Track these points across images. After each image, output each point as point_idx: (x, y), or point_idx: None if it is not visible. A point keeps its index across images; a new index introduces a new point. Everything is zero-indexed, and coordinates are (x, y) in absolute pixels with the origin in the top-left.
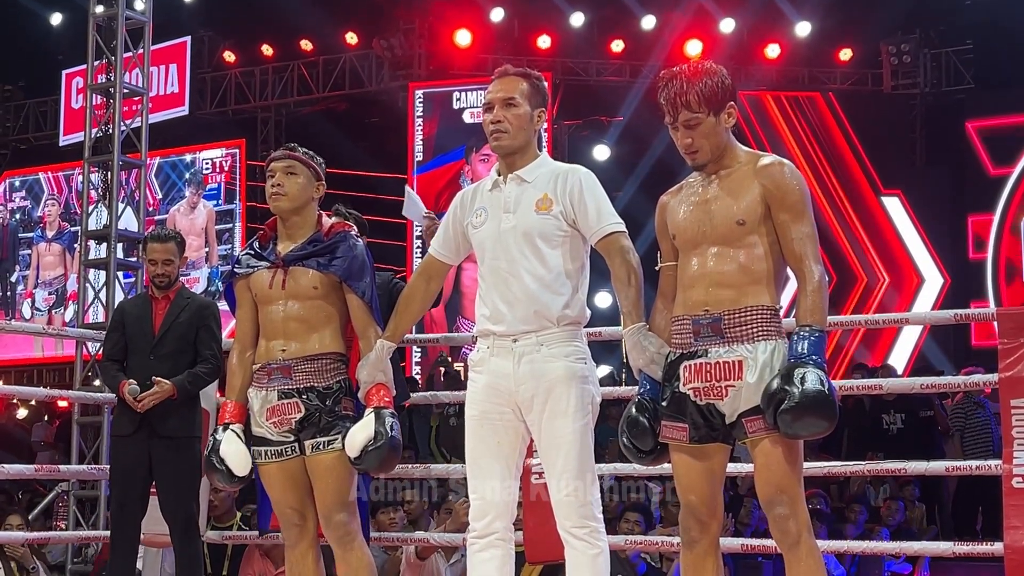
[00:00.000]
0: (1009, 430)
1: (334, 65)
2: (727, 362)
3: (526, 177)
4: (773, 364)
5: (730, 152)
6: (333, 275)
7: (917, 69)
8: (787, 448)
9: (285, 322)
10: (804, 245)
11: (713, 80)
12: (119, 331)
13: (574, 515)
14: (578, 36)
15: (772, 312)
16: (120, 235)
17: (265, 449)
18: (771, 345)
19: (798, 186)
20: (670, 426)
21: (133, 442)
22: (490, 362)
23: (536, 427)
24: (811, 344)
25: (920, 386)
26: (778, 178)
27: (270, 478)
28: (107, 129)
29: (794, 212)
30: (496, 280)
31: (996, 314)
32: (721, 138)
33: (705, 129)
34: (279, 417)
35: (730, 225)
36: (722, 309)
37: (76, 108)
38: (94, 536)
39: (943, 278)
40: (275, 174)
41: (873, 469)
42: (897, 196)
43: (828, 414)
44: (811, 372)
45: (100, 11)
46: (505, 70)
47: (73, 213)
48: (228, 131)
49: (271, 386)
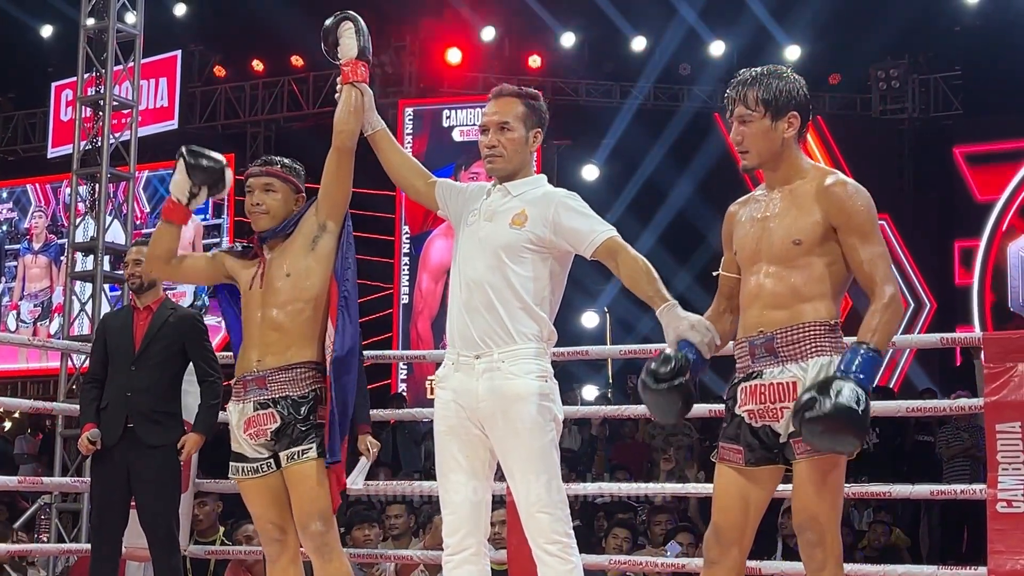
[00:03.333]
0: (994, 455)
1: (324, 81)
2: (781, 383)
3: (512, 191)
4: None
5: (794, 166)
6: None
7: (906, 94)
8: (825, 473)
9: (262, 332)
10: (875, 266)
11: (779, 83)
12: (101, 344)
13: (546, 531)
14: (568, 56)
15: (827, 327)
16: (107, 248)
17: (243, 466)
18: (824, 360)
19: (863, 206)
20: (727, 448)
21: (113, 454)
22: (453, 378)
23: (500, 444)
24: (862, 361)
25: (906, 409)
26: (842, 199)
27: (248, 494)
28: (96, 142)
29: (861, 233)
30: (462, 288)
31: (982, 339)
32: (774, 145)
33: (757, 130)
34: (255, 428)
35: (786, 244)
36: (775, 328)
37: (65, 120)
38: (76, 549)
39: (929, 303)
40: (254, 191)
41: (858, 492)
42: (884, 220)
43: (854, 432)
44: (848, 387)
45: (91, 24)
46: (501, 90)
47: (60, 225)
48: (217, 146)
49: (248, 398)
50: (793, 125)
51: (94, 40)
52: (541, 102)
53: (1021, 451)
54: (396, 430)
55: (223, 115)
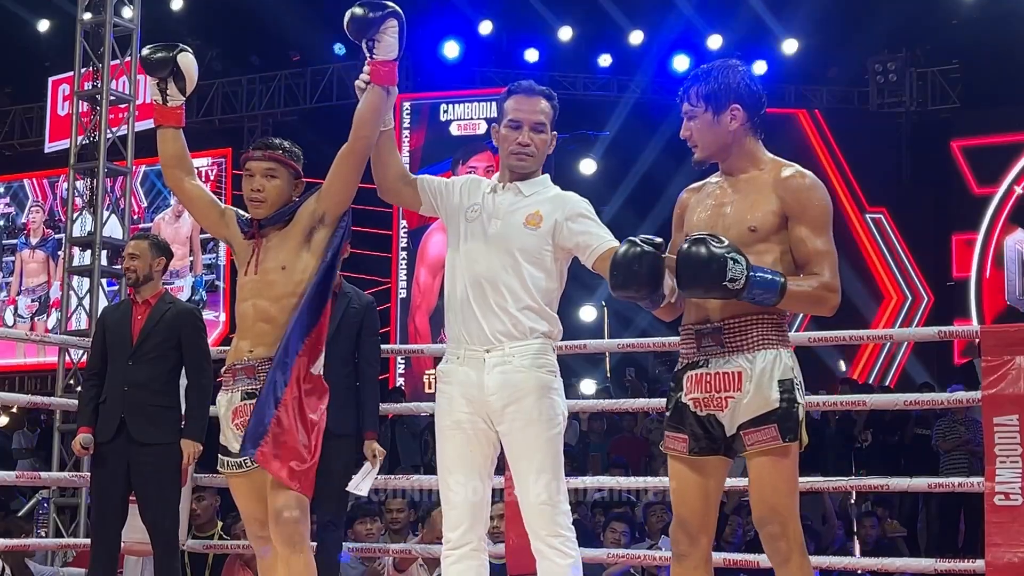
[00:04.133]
0: (992, 448)
1: (321, 76)
2: (726, 373)
3: (525, 191)
4: (772, 373)
5: (749, 157)
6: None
7: (903, 88)
8: (779, 463)
9: (255, 322)
10: (823, 259)
11: (721, 78)
12: (100, 339)
13: (549, 523)
14: (566, 50)
15: (775, 320)
16: (104, 242)
17: (228, 459)
18: (771, 354)
19: (820, 200)
20: (671, 436)
21: (111, 449)
22: (459, 372)
23: (507, 437)
24: (768, 275)
25: (904, 402)
26: (800, 189)
27: (236, 490)
28: (93, 136)
29: (814, 225)
30: (471, 286)
31: (980, 332)
32: (720, 137)
33: (701, 124)
34: (242, 418)
35: (741, 232)
36: (723, 318)
37: (62, 115)
38: (74, 544)
39: (927, 296)
40: (254, 176)
41: (856, 485)
42: (882, 214)
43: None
44: (742, 264)
45: (88, 18)
46: (531, 87)
47: (57, 220)
48: (214, 140)
49: (236, 387)
50: (737, 117)
51: (91, 34)
52: (557, 102)
53: (1019, 444)
54: (395, 424)
55: (220, 109)
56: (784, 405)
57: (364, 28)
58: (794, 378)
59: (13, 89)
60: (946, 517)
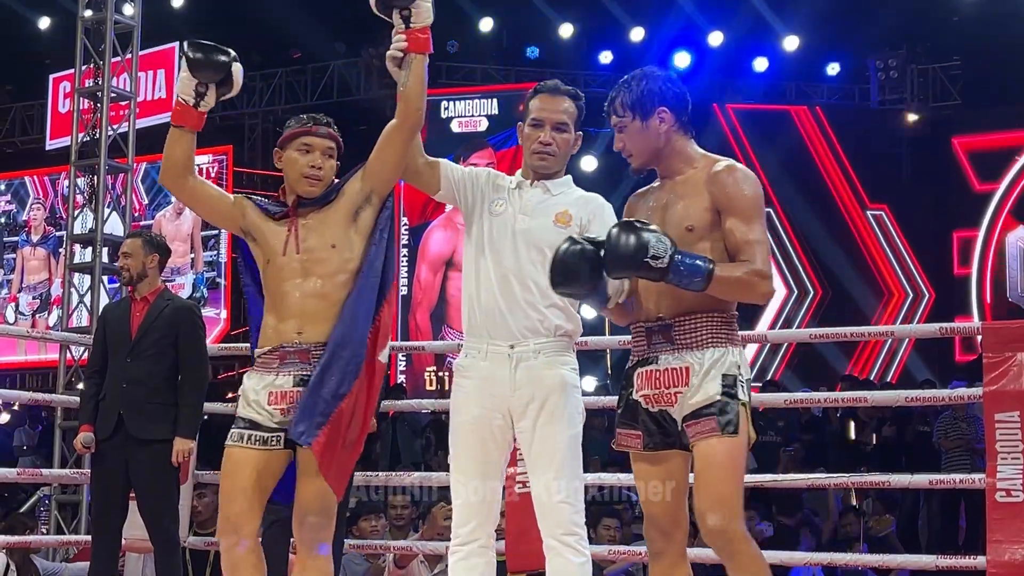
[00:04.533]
0: (993, 444)
1: (322, 73)
2: (675, 369)
3: (552, 189)
4: (717, 368)
5: (683, 157)
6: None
7: (904, 84)
8: (724, 456)
9: (303, 301)
10: (753, 248)
11: (643, 84)
12: (101, 336)
13: (565, 522)
14: (567, 47)
15: (724, 319)
16: (105, 239)
17: (252, 434)
18: (720, 351)
19: (748, 191)
20: (624, 433)
21: (110, 446)
22: (481, 367)
23: (528, 433)
24: (695, 260)
25: (905, 399)
26: (727, 184)
27: (239, 465)
28: (94, 133)
29: (744, 216)
30: (498, 280)
31: (981, 328)
32: (652, 143)
33: (631, 133)
34: (289, 405)
35: (680, 231)
36: (673, 316)
37: (63, 112)
38: (75, 540)
39: (928, 293)
40: (314, 151)
41: (857, 481)
42: (883, 211)
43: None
44: (664, 244)
45: (89, 15)
46: (557, 86)
47: (59, 217)
48: (215, 137)
49: (286, 370)
50: (665, 120)
51: (92, 32)
52: (583, 103)
53: (1020, 440)
54: (395, 421)
55: (220, 106)
56: (724, 399)
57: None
58: (738, 375)
59: (14, 86)
60: (947, 514)
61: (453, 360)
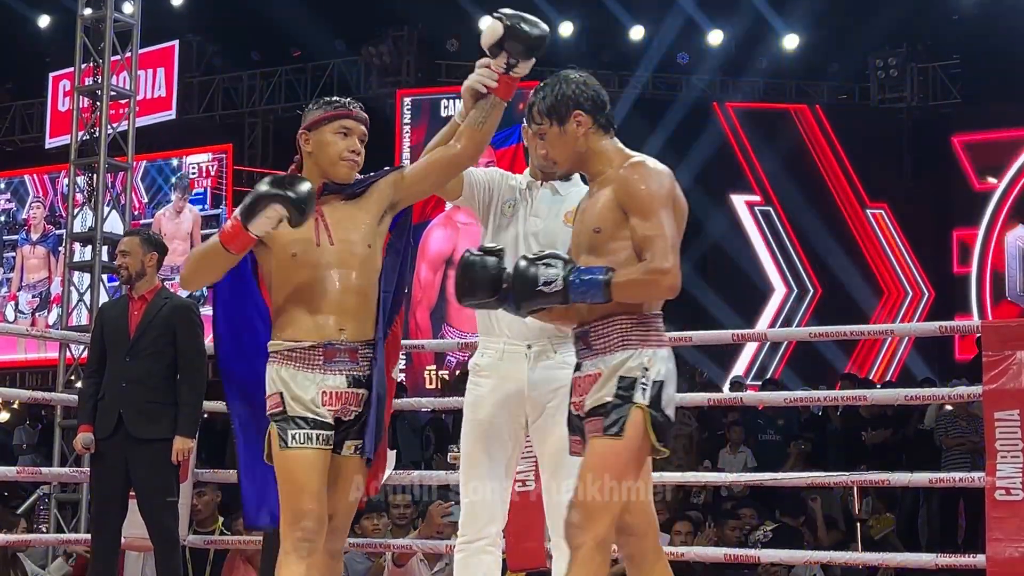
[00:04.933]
0: (992, 442)
1: (322, 71)
2: (590, 375)
3: (560, 189)
4: (617, 371)
5: (603, 158)
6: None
7: (904, 83)
8: (607, 458)
9: (342, 296)
10: (651, 243)
11: (556, 89)
12: (99, 335)
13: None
14: (567, 46)
15: (637, 320)
16: (105, 238)
17: (317, 433)
18: (628, 354)
19: (645, 186)
20: (573, 440)
21: (110, 445)
22: (499, 367)
23: (541, 432)
24: (592, 276)
25: (905, 397)
26: (627, 181)
27: (313, 469)
28: (94, 132)
29: (642, 212)
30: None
31: (981, 327)
32: (572, 146)
33: (551, 139)
34: (343, 406)
35: (590, 235)
36: (591, 321)
37: (62, 111)
38: (75, 539)
39: (928, 291)
40: (351, 135)
41: (857, 480)
42: (883, 209)
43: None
44: (553, 271)
45: (88, 13)
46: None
47: (58, 216)
48: (215, 136)
49: (337, 369)
50: (582, 123)
51: (91, 30)
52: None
53: (1019, 439)
54: (395, 420)
55: (221, 105)
56: (615, 401)
57: (537, 48)
58: (639, 377)
59: (14, 85)
60: (946, 512)
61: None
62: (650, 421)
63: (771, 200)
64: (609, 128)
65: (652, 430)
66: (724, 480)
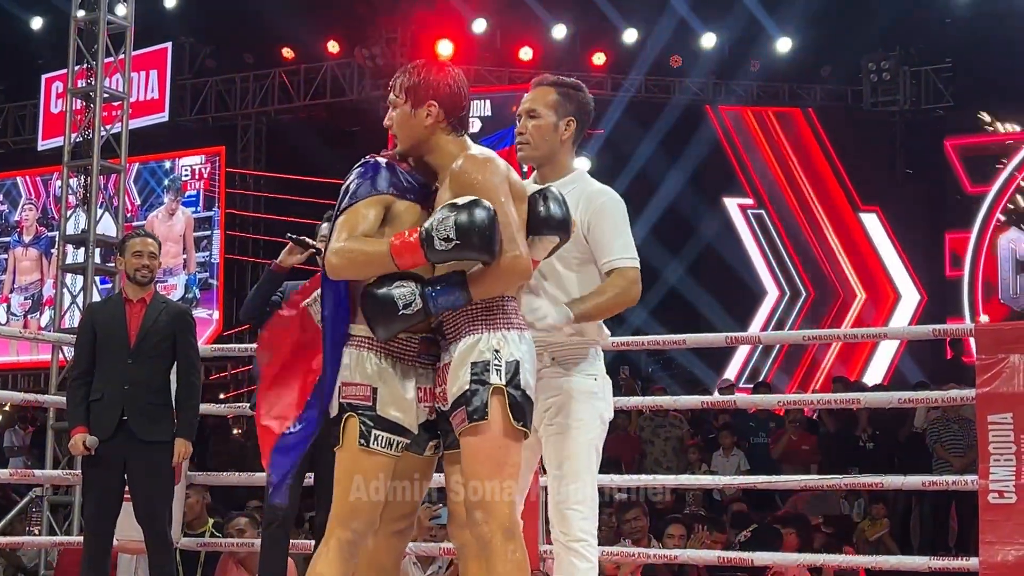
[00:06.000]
0: (986, 445)
1: (315, 73)
2: (445, 364)
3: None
4: (467, 356)
5: (443, 153)
6: None
7: (896, 86)
8: (482, 446)
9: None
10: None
11: (422, 74)
12: (90, 336)
13: (575, 528)
14: (560, 48)
15: (482, 306)
16: (98, 240)
17: (399, 440)
18: (473, 338)
19: (470, 179)
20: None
21: (109, 447)
22: None
23: (545, 439)
24: (446, 284)
25: (898, 400)
26: (458, 175)
27: (383, 473)
28: (87, 134)
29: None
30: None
31: (974, 330)
32: (418, 133)
33: (399, 117)
34: (433, 403)
35: None
36: (448, 311)
37: (55, 113)
38: (67, 542)
39: (920, 294)
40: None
41: (851, 483)
42: (875, 212)
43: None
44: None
45: (82, 15)
46: (541, 79)
47: (51, 218)
48: (208, 138)
49: (429, 362)
50: (432, 115)
51: (85, 32)
52: (581, 93)
53: (1012, 442)
54: None
55: (214, 107)
56: (473, 387)
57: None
58: (490, 360)
59: (6, 87)
60: (938, 515)
61: None
62: (507, 401)
63: (764, 203)
64: (460, 130)
65: (510, 410)
66: (717, 483)
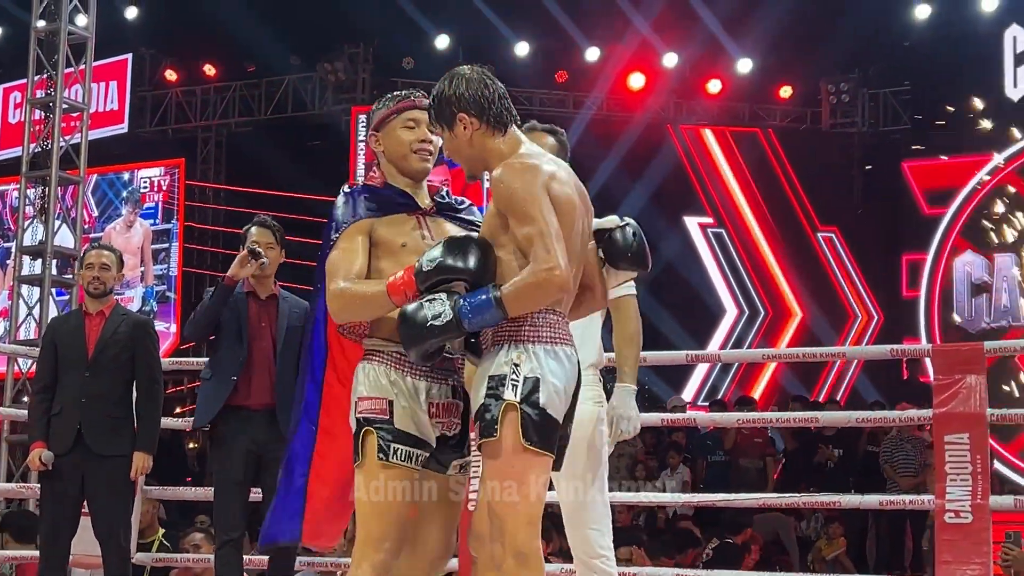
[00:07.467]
0: (942, 465)
1: (277, 87)
2: (469, 378)
3: None
4: (487, 370)
5: (497, 155)
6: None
7: (856, 108)
8: (496, 463)
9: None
10: (529, 243)
11: (437, 99)
12: (51, 351)
13: (593, 546)
14: (523, 66)
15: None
16: (55, 251)
17: (419, 454)
18: (496, 351)
19: (507, 189)
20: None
21: (66, 461)
22: None
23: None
24: (481, 299)
25: (856, 420)
26: (497, 186)
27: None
28: (46, 144)
29: (515, 214)
30: None
31: (931, 351)
32: (467, 150)
33: (447, 144)
34: (447, 419)
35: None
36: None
37: (13, 123)
38: (22, 556)
39: (877, 315)
40: (419, 125)
41: (808, 502)
42: (833, 233)
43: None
44: (439, 304)
45: (42, 25)
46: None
47: (6, 229)
48: (167, 150)
49: (445, 378)
50: (468, 126)
51: (45, 42)
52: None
53: (968, 462)
54: None
55: (173, 119)
56: (487, 401)
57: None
58: (507, 374)
59: None
60: (894, 534)
61: None
62: (520, 419)
63: (723, 222)
64: (500, 126)
65: (521, 428)
66: (671, 501)
